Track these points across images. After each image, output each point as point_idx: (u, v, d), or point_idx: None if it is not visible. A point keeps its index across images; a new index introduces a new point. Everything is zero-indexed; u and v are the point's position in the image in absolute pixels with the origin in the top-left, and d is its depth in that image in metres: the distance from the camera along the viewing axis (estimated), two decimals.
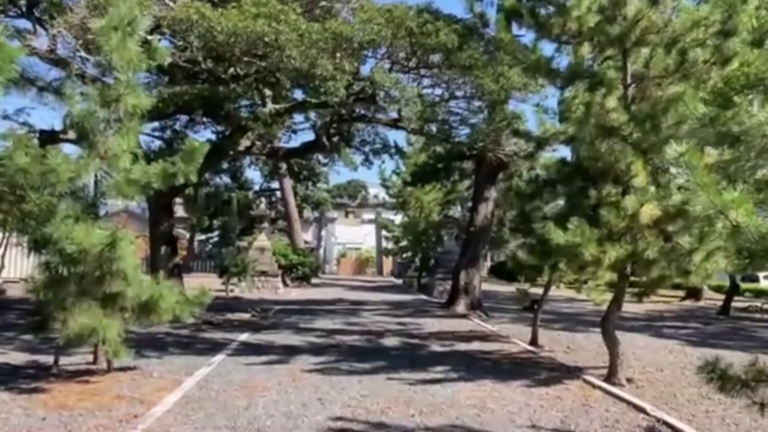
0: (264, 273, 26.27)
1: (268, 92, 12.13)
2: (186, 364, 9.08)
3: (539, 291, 23.97)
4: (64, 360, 8.63)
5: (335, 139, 17.21)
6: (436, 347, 11.42)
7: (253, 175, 49.20)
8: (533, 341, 12.32)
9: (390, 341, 12.09)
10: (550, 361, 10.31)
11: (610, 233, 8.53)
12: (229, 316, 15.63)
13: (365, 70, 12.06)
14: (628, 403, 7.35)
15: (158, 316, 8.25)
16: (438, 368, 9.21)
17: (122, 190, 7.60)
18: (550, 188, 10.71)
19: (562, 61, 11.22)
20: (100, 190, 7.55)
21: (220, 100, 11.62)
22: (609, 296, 12.85)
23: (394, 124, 14.88)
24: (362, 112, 14.82)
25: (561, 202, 12.66)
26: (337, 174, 51.28)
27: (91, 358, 8.78)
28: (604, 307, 15.31)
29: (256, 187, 47.55)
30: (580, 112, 9.57)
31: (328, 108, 12.59)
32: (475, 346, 11.76)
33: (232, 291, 24.34)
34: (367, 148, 18.53)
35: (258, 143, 15.48)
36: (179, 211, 46.52)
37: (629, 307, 20.53)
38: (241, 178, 45.59)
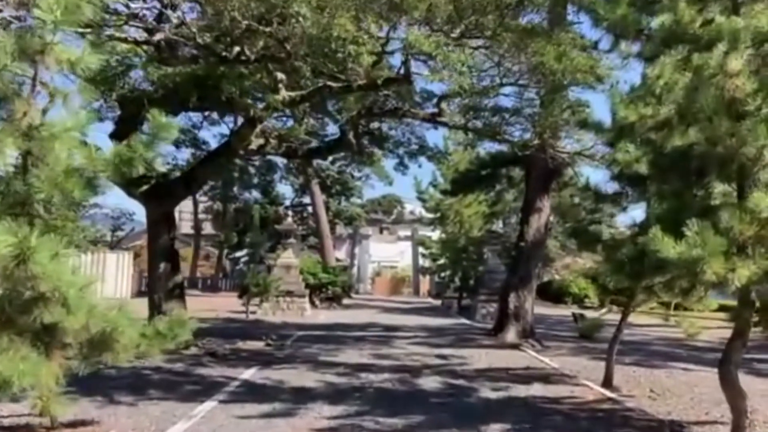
0: (290, 293, 24.15)
1: (280, 76, 10.04)
2: (161, 417, 6.91)
3: (589, 314, 21.46)
4: (6, 409, 6.59)
5: (366, 141, 15.06)
6: (487, 392, 9.00)
7: (285, 189, 47.55)
8: (607, 382, 9.83)
9: (428, 382, 9.71)
10: (639, 413, 7.83)
11: (733, 243, 6.13)
12: (240, 344, 13.45)
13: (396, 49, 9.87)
14: None
15: (114, 354, 6.06)
16: (493, 427, 6.81)
17: (59, 182, 5.49)
18: (637, 187, 8.33)
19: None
20: (28, 181, 5.41)
21: (216, 78, 9.55)
22: (700, 327, 10.38)
23: (433, 118, 12.64)
24: (394, 105, 12.67)
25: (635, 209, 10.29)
26: (371, 188, 49.28)
27: None
28: (680, 334, 12.72)
29: (287, 203, 45.81)
30: (682, 83, 7.30)
31: (353, 92, 10.45)
32: (537, 389, 9.31)
33: (253, 313, 22.27)
34: (401, 151, 16.28)
35: (273, 141, 13.39)
36: (207, 227, 45.11)
37: (701, 335, 17.77)
38: (272, 192, 44.01)
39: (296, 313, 23.73)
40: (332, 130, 18.55)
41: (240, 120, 12.43)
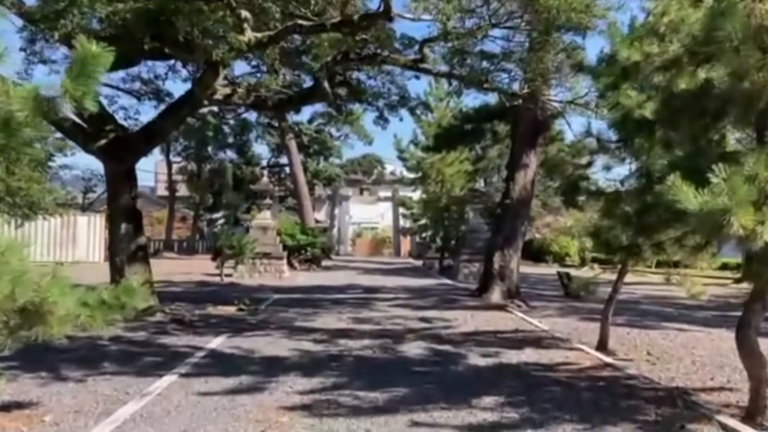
0: (266, 255, 23.34)
1: (245, 14, 8.97)
2: (110, 395, 6.09)
3: (573, 273, 20.96)
4: None
5: (342, 92, 14.04)
6: (475, 358, 8.30)
7: (261, 149, 46.32)
8: (602, 345, 9.21)
9: (412, 348, 8.99)
10: (643, 381, 7.15)
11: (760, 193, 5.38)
12: (210, 309, 12.64)
13: None
14: None
15: (48, 327, 5.19)
16: (486, 400, 6.10)
17: None
18: (642, 133, 7.53)
19: None
20: None
21: (170, 13, 8.44)
22: (705, 288, 9.75)
23: (415, 65, 11.67)
24: (373, 50, 11.64)
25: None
26: (351, 148, 48.16)
27: None
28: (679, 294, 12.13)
29: (264, 163, 44.58)
30: (694, 17, 6.56)
31: (326, 32, 9.45)
32: (529, 355, 8.63)
33: (229, 276, 21.46)
34: (380, 103, 15.25)
35: (240, 91, 12.31)
36: (182, 189, 43.84)
37: (679, 293, 17.28)
38: (248, 152, 42.80)
39: (274, 275, 23.00)
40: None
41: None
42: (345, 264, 35.02)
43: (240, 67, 17.10)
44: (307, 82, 15.80)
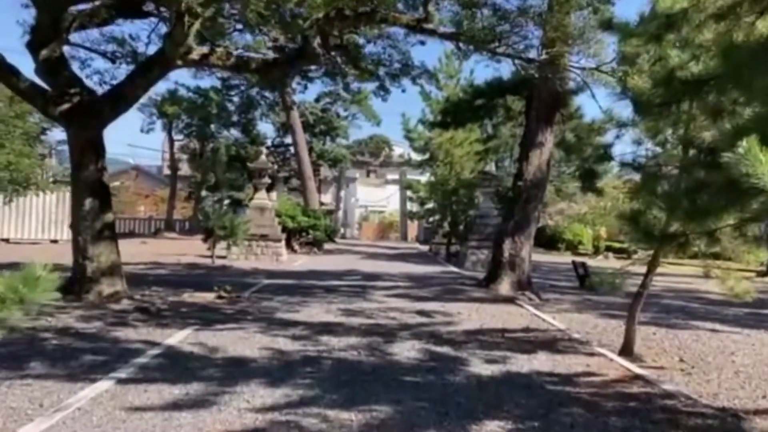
0: (264, 237, 22.12)
1: None
2: (19, 408, 4.86)
3: (589, 262, 19.62)
4: None
5: (340, 59, 12.68)
6: (479, 365, 6.97)
7: (267, 129, 45.04)
8: (626, 349, 7.88)
9: (404, 350, 7.66)
10: (684, 402, 5.80)
11: None
12: (186, 296, 11.37)
13: None
14: None
15: None
16: (489, 426, 4.80)
17: None
18: (688, 96, 6.16)
19: None
20: None
21: None
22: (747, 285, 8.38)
23: (418, 25, 10.28)
24: (371, 7, 10.24)
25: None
26: (358, 129, 46.59)
27: None
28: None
29: (269, 142, 43.23)
30: None
31: None
32: (542, 362, 7.30)
33: (223, 258, 20.28)
34: (381, 71, 13.81)
35: (219, 51, 10.98)
36: (184, 167, 42.72)
37: (703, 286, 15.95)
38: (253, 131, 41.59)
39: (270, 258, 21.82)
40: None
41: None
42: (348, 248, 33.79)
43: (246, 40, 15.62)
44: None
